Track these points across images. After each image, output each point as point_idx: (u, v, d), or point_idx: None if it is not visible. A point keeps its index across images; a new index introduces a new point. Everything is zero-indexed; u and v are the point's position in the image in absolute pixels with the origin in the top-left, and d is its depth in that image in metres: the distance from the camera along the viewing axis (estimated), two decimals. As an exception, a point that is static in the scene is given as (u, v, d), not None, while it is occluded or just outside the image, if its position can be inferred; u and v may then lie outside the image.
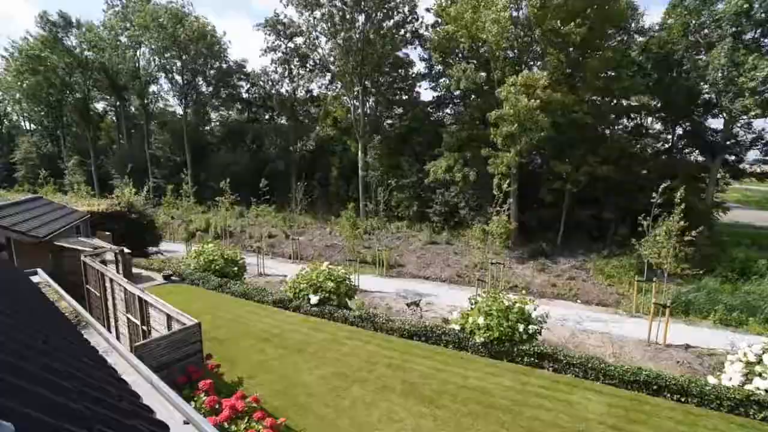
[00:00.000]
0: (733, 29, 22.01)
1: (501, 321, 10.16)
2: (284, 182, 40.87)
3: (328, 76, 39.62)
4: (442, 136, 28.51)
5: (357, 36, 30.41)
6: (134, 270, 16.74)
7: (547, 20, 21.42)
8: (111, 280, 9.30)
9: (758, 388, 8.18)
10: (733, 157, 27.35)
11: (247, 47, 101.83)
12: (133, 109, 50.69)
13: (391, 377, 8.92)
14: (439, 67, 31.24)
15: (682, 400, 8.38)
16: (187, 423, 3.02)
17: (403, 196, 31.72)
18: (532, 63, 26.15)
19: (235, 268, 16.70)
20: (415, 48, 34.64)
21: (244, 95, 47.66)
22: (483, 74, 26.04)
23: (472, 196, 27.30)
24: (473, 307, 11.14)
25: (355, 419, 7.32)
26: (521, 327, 10.16)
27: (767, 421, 7.79)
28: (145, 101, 46.10)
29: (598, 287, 19.58)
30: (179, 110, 46.29)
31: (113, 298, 9.32)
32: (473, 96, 29.87)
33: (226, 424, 5.58)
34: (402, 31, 32.43)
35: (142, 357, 5.57)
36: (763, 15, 21.17)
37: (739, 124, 25.53)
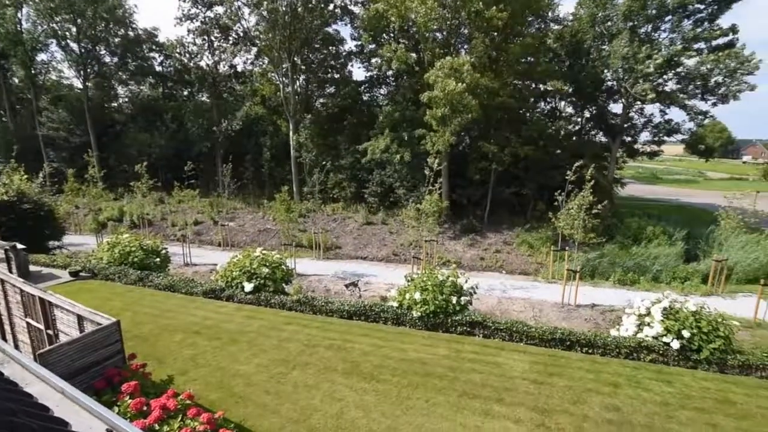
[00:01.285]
0: (630, 23, 24.63)
1: (436, 295, 10.69)
2: (210, 165, 38.20)
3: (254, 50, 37.17)
4: (376, 117, 28.46)
5: (283, 8, 28.75)
6: (32, 268, 14.69)
7: (472, 3, 22.06)
8: (2, 282, 8.05)
9: (647, 336, 9.64)
10: (629, 138, 31.11)
11: (158, 14, 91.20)
12: (16, 80, 43.15)
13: (333, 358, 8.99)
14: (371, 46, 30.83)
15: (590, 351, 9.60)
16: (111, 431, 2.76)
17: (341, 177, 31.34)
18: (460, 46, 26.91)
19: (157, 260, 15.40)
20: (346, 25, 33.83)
21: (158, 68, 43.01)
22: (414, 55, 26.24)
23: (406, 176, 27.86)
24: (410, 283, 11.55)
25: (298, 403, 7.29)
26: (454, 299, 10.78)
27: (653, 363, 9.25)
28: (33, 72, 39.49)
29: (521, 258, 21.38)
30: (78, 83, 40.44)
31: (6, 302, 8.10)
32: (405, 77, 30.07)
33: (157, 426, 5.22)
34: (331, 6, 31.31)
35: (50, 365, 4.95)
36: (654, 11, 23.88)
37: (634, 110, 28.96)
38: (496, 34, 24.39)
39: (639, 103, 27.04)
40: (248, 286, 12.35)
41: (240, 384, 7.87)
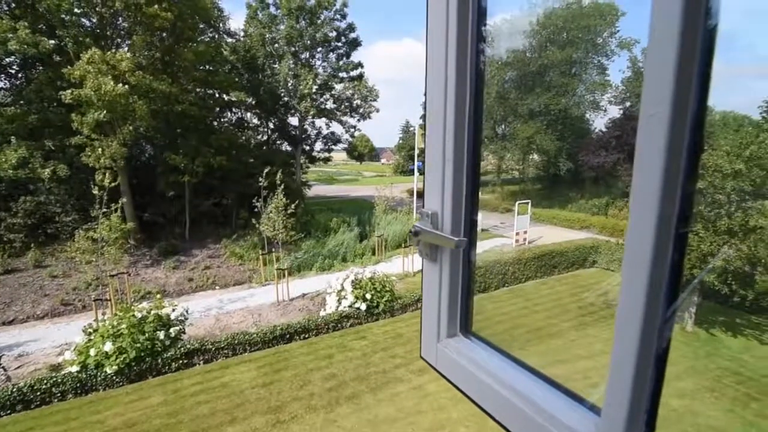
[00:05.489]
0: (293, 48, 28.66)
1: (136, 337, 8.84)
2: None
3: None
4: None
5: None
6: None
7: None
8: None
9: (345, 307, 11.76)
10: (308, 147, 36.50)
11: None
12: None
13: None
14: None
15: (306, 336, 10.71)
16: None
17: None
18: (120, 40, 22.87)
19: None
20: None
21: None
22: (51, 42, 20.03)
23: (68, 199, 21.26)
24: (93, 335, 9.00)
25: None
26: (161, 334, 9.29)
27: (353, 326, 11.41)
28: None
29: (233, 269, 20.98)
30: None
31: None
32: (41, 68, 22.54)
33: None
34: None
35: None
36: (308, 41, 28.75)
37: (307, 123, 34.15)
38: (164, 34, 22.32)
39: (310, 117, 32.13)
40: None
41: None
